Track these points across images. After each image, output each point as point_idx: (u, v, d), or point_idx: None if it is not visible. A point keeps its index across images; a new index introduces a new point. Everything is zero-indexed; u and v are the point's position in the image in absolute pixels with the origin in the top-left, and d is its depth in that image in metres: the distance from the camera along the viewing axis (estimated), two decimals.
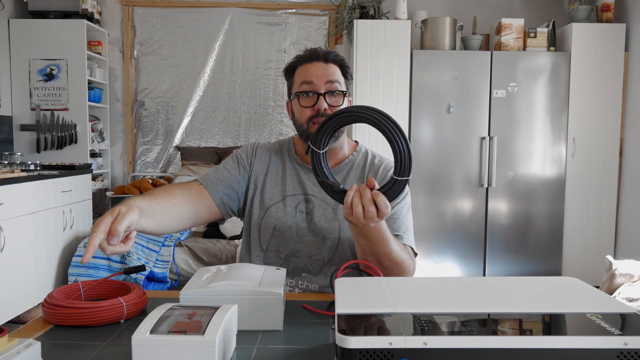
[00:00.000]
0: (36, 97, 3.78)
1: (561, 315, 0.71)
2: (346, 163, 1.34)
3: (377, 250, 1.09)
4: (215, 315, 0.74)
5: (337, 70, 1.28)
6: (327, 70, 1.26)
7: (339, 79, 1.27)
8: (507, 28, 3.65)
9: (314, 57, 1.27)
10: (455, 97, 3.63)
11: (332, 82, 1.25)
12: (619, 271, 1.93)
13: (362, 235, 1.07)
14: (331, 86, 1.25)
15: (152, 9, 4.20)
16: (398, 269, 1.14)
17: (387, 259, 1.11)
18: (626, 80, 3.70)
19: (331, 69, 1.26)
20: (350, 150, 1.37)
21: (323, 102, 1.24)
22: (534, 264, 3.73)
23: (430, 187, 3.68)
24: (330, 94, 1.25)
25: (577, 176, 3.71)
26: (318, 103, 1.24)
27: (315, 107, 1.24)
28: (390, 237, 1.10)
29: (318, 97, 1.24)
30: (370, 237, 1.06)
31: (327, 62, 1.27)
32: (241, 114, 4.29)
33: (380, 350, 0.62)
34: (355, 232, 1.08)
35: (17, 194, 2.81)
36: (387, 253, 1.10)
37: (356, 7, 3.78)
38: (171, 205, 1.15)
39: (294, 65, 1.30)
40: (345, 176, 1.33)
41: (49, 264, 3.15)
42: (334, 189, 1.04)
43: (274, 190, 1.33)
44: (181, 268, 3.37)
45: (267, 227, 1.30)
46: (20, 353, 0.65)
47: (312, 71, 1.26)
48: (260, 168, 1.35)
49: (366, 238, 1.07)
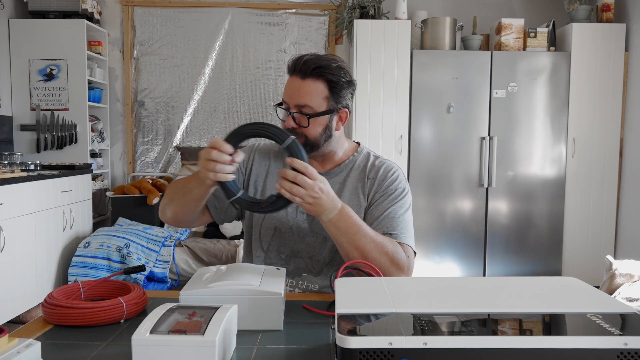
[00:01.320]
0: (36, 97, 3.78)
1: (561, 315, 0.71)
2: (347, 164, 1.34)
3: (357, 242, 1.13)
4: (215, 315, 0.74)
5: (315, 88, 1.20)
6: (300, 90, 1.21)
7: (313, 99, 1.20)
8: (507, 28, 3.65)
9: (292, 69, 1.23)
10: (455, 97, 3.63)
11: (300, 105, 1.21)
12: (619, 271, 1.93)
13: (334, 227, 1.12)
14: (300, 108, 1.22)
15: (152, 9, 4.20)
16: (388, 262, 1.15)
17: (371, 251, 1.13)
18: (626, 80, 3.70)
19: (305, 88, 1.20)
20: (351, 152, 1.37)
21: (290, 121, 1.23)
22: (534, 264, 3.73)
23: (430, 187, 3.68)
24: (300, 113, 1.23)
25: (577, 176, 3.71)
26: (287, 121, 1.24)
27: (284, 124, 1.25)
28: (364, 227, 1.15)
29: (288, 114, 1.24)
30: (341, 227, 1.12)
31: (304, 77, 1.20)
32: (241, 114, 4.29)
33: (380, 350, 0.62)
34: (328, 226, 1.13)
35: (17, 194, 2.81)
36: (367, 244, 1.13)
37: (356, 7, 3.78)
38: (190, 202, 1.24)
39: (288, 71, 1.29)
40: (346, 177, 1.32)
41: (49, 264, 3.15)
42: (245, 199, 1.10)
43: (274, 192, 1.33)
44: (181, 268, 3.37)
45: (268, 228, 1.31)
46: (20, 353, 0.65)
47: (288, 87, 1.24)
48: (260, 170, 1.35)
49: (339, 229, 1.12)
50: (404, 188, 1.31)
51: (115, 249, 3.23)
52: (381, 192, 1.29)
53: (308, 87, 1.20)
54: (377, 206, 1.27)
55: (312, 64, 1.20)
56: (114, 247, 3.24)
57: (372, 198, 1.29)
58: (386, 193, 1.28)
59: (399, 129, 3.64)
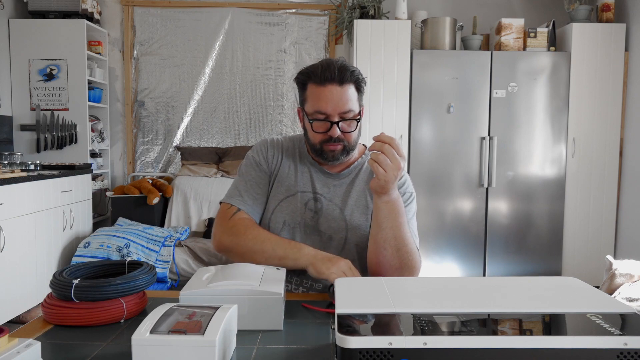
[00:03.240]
0: (36, 97, 3.78)
1: (561, 315, 0.71)
2: (355, 166, 1.36)
3: (398, 231, 1.15)
4: (215, 315, 0.74)
5: (352, 92, 1.23)
6: (342, 97, 1.20)
7: (354, 103, 1.23)
8: (507, 28, 3.65)
9: (327, 78, 1.20)
10: (455, 97, 3.63)
11: (346, 111, 1.22)
12: (619, 271, 1.93)
13: (389, 208, 1.14)
14: (345, 114, 1.22)
15: (152, 9, 4.20)
16: (412, 261, 1.18)
17: (406, 245, 1.16)
18: (626, 80, 3.70)
19: (346, 95, 1.21)
20: (359, 154, 1.39)
21: (336, 130, 1.23)
22: (534, 264, 3.73)
23: (430, 187, 3.68)
24: (344, 120, 1.23)
25: (577, 176, 3.71)
26: (331, 130, 1.23)
27: (327, 134, 1.24)
28: (406, 225, 1.17)
29: (332, 125, 1.22)
30: (394, 210, 1.14)
31: (342, 84, 1.21)
32: (241, 114, 4.29)
33: (380, 350, 0.62)
34: (384, 206, 1.14)
35: (17, 194, 2.81)
36: (406, 236, 1.16)
37: (356, 7, 3.78)
38: None
39: (306, 79, 1.25)
40: (355, 178, 1.34)
41: (49, 264, 3.15)
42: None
43: (286, 184, 1.33)
44: (181, 268, 3.37)
45: (277, 221, 1.31)
46: (20, 353, 0.65)
47: (325, 98, 1.20)
48: (274, 164, 1.36)
49: (392, 211, 1.14)
50: (412, 193, 1.34)
51: (115, 249, 3.23)
52: None
53: (347, 93, 1.22)
54: None
55: (346, 69, 1.21)
56: (114, 247, 3.24)
57: None
58: None
59: (399, 129, 3.64)
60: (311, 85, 1.24)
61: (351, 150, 1.28)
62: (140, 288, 0.96)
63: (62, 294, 0.91)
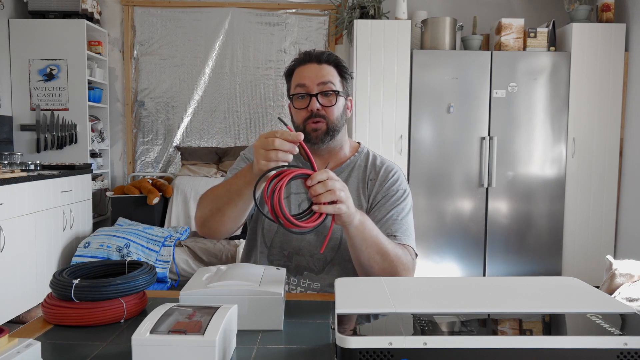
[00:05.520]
0: (36, 97, 3.78)
1: (561, 315, 0.71)
2: (348, 164, 1.35)
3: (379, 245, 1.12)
4: (215, 315, 0.74)
5: (331, 71, 1.28)
6: (320, 72, 1.26)
7: (333, 79, 1.27)
8: (507, 28, 3.65)
9: (307, 59, 1.28)
10: (455, 97, 3.63)
11: (324, 82, 1.26)
12: (619, 271, 1.93)
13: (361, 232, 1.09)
14: (324, 87, 1.26)
15: (152, 9, 4.20)
16: (398, 265, 1.16)
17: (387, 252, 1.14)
18: (626, 80, 3.70)
19: (324, 70, 1.27)
20: (352, 151, 1.38)
21: (315, 103, 1.25)
22: (534, 264, 3.73)
23: (430, 187, 3.68)
24: (323, 95, 1.26)
25: (577, 176, 3.71)
26: (311, 104, 1.25)
27: (308, 109, 1.26)
28: (380, 233, 1.15)
29: (311, 98, 1.25)
30: (367, 228, 1.10)
31: (320, 62, 1.28)
32: (241, 114, 4.29)
33: (380, 350, 0.62)
34: (356, 232, 1.09)
35: (17, 194, 2.81)
36: (384, 243, 1.13)
37: (356, 7, 3.78)
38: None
39: (291, 68, 1.32)
40: (347, 177, 1.33)
41: (49, 264, 3.15)
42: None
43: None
44: (181, 268, 3.37)
45: (271, 224, 1.31)
46: (20, 353, 0.65)
47: (305, 73, 1.27)
48: None
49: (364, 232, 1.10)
50: (405, 189, 1.32)
51: (115, 249, 3.23)
52: (382, 193, 1.29)
53: (326, 69, 1.28)
54: (379, 208, 1.28)
55: (325, 52, 1.30)
56: (114, 247, 3.24)
57: (373, 199, 1.30)
58: (388, 194, 1.29)
59: (399, 129, 3.64)
60: (295, 70, 1.30)
61: (335, 132, 1.28)
62: (140, 288, 0.96)
63: (62, 294, 0.91)
